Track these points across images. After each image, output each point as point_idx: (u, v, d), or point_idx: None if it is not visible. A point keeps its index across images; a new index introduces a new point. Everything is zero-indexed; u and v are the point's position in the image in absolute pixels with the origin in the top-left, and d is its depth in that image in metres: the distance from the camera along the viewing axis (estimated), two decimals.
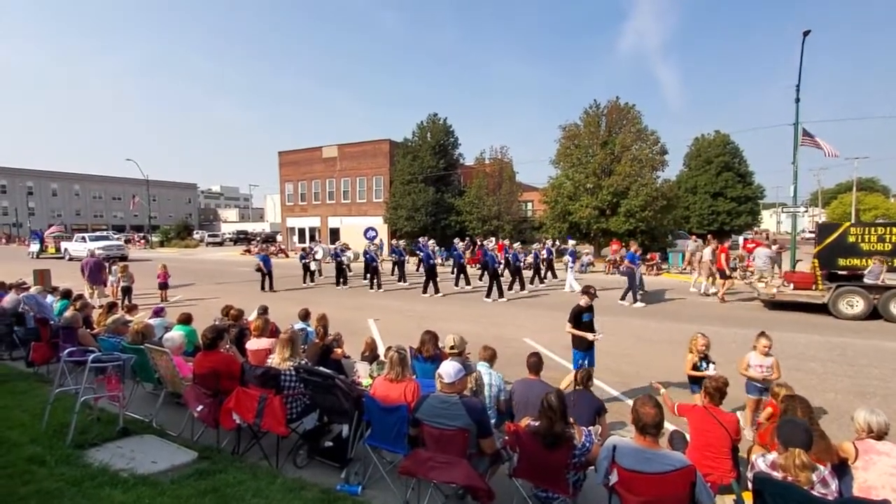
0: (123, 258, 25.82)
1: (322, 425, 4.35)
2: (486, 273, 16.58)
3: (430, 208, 28.92)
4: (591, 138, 24.96)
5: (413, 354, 5.20)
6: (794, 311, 11.55)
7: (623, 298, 12.98)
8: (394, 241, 18.97)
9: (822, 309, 11.09)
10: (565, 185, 25.07)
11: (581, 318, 5.96)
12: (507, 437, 3.42)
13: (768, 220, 63.94)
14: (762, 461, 2.79)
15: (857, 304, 10.80)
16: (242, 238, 52.48)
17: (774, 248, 17.06)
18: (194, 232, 60.01)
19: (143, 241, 50.09)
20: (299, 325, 6.35)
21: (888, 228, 11.30)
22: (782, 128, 37.24)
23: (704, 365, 5.20)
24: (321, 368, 4.28)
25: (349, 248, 18.64)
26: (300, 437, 4.27)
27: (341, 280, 16.69)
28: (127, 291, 12.87)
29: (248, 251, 35.04)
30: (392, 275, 18.28)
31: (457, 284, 16.23)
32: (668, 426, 4.50)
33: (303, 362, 4.38)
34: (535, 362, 4.45)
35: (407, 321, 10.84)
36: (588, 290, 6.26)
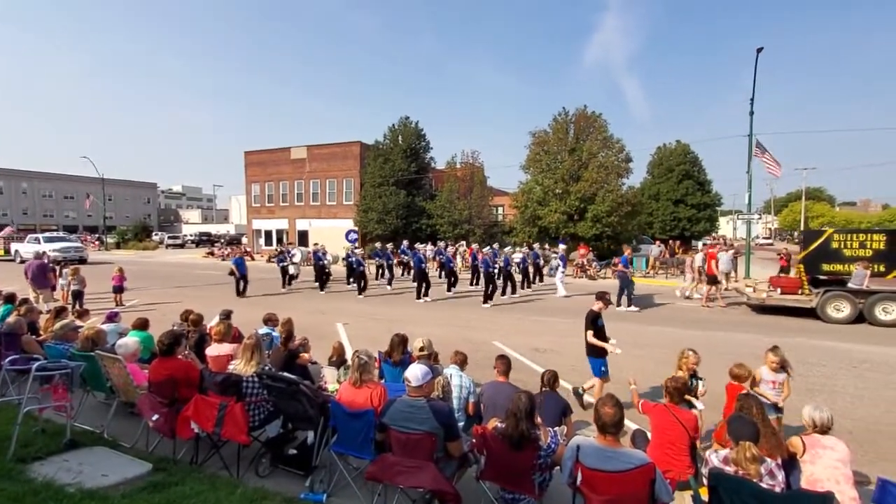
0: (82, 261, 24.35)
1: (286, 433, 4.23)
2: (476, 278, 16.48)
3: (401, 211, 28.80)
4: (560, 145, 25.51)
5: (383, 358, 5.16)
6: (779, 315, 11.80)
7: (619, 304, 12.71)
8: (378, 244, 18.59)
9: (809, 313, 11.32)
10: (535, 191, 25.50)
11: (597, 324, 5.92)
12: (474, 440, 3.43)
13: (725, 226, 66.95)
14: (715, 457, 2.90)
15: (843, 309, 11.03)
16: (205, 240, 50.68)
17: (731, 252, 17.90)
18: (153, 233, 57.58)
19: (97, 242, 47.64)
20: (263, 329, 6.17)
21: (869, 235, 11.68)
22: (738, 139, 39.26)
23: (694, 382, 4.85)
24: (285, 374, 4.16)
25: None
26: (263, 445, 4.14)
27: (323, 284, 16.09)
28: (78, 295, 12.19)
29: (212, 254, 33.86)
30: (377, 279, 17.84)
31: (449, 290, 15.58)
32: (631, 425, 4.63)
33: (266, 368, 4.26)
34: (504, 365, 4.49)
35: (377, 325, 10.73)
36: (603, 296, 6.16)
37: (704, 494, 2.74)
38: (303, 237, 34.07)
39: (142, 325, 6.15)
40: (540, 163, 25.85)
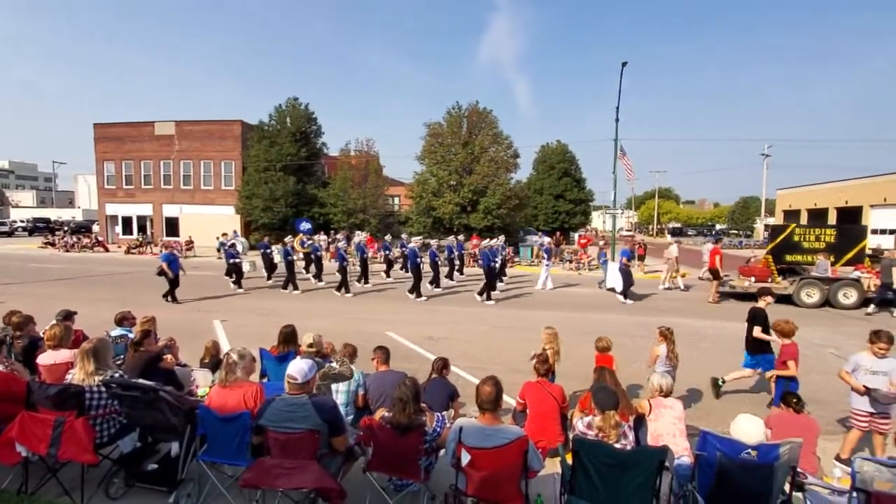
0: None
1: (145, 446, 3.73)
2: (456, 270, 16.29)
3: (291, 199, 27.12)
4: (454, 138, 26.22)
5: (267, 354, 4.83)
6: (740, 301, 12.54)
7: (625, 297, 13.00)
8: (381, 236, 17.17)
9: (785, 299, 12.01)
10: (430, 182, 25.90)
11: (767, 321, 5.85)
12: (361, 433, 3.37)
13: (597, 219, 75.16)
14: (581, 423, 3.24)
15: (814, 295, 12.12)
16: (42, 227, 42.34)
17: (601, 243, 20.13)
18: None
19: None
20: (116, 331, 5.35)
21: (823, 230, 13.09)
22: (607, 142, 44.14)
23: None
24: (141, 381, 3.64)
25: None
26: (115, 462, 3.59)
27: (290, 283, 13.95)
28: None
29: (51, 244, 28.46)
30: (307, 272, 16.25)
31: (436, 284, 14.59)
32: (510, 401, 4.93)
33: (116, 375, 3.68)
34: (384, 354, 4.51)
35: (261, 320, 10.00)
36: (770, 291, 6.55)
37: (570, 459, 3.04)
38: (172, 224, 30.28)
39: None
40: (435, 154, 26.30)
